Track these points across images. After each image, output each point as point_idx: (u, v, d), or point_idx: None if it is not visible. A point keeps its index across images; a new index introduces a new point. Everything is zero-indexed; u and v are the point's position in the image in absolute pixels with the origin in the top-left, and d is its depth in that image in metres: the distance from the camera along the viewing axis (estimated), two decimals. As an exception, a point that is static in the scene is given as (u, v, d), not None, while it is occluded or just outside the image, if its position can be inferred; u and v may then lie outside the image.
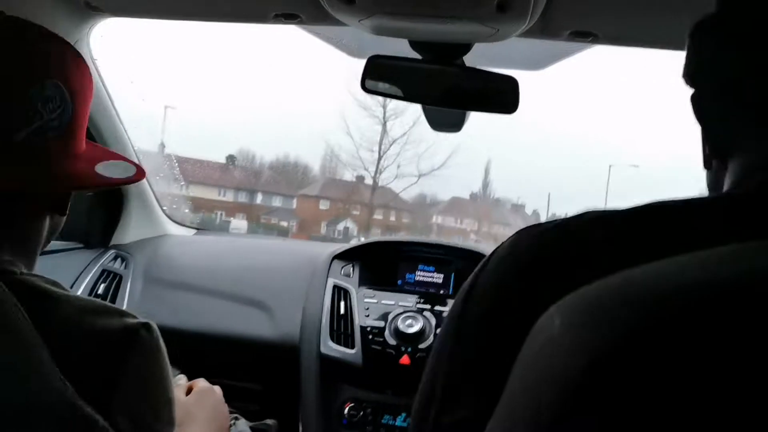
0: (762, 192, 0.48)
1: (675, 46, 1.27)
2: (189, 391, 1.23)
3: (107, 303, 0.84)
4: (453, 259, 1.80)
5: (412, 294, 1.71)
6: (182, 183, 2.52)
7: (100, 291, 1.75)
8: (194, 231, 2.34)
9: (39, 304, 0.76)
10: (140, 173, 0.97)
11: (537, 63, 1.55)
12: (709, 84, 0.55)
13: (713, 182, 0.59)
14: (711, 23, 0.56)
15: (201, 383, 1.25)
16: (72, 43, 1.43)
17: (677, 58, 0.60)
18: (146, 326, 0.82)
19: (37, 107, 0.79)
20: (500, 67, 1.37)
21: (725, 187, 0.54)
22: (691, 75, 0.57)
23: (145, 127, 2.07)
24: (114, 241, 1.98)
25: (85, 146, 0.92)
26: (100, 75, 1.65)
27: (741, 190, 0.52)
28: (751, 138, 0.52)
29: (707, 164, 0.59)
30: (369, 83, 1.37)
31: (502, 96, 1.34)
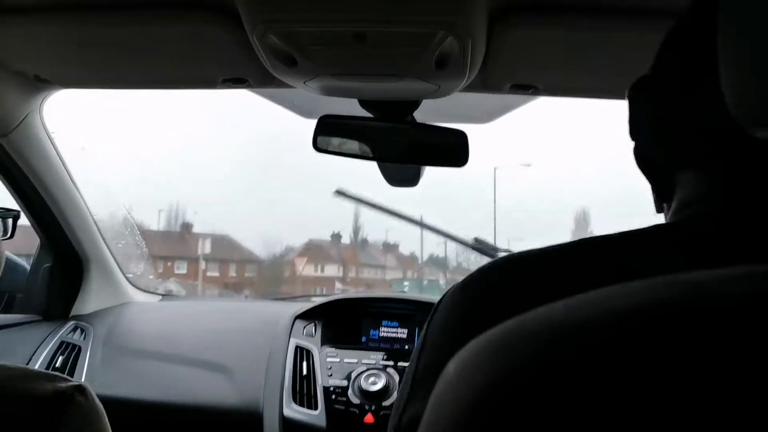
0: (691, 223, 0.52)
1: (615, 95, 1.31)
2: None
3: (39, 369, 0.82)
4: (416, 314, 1.79)
5: (376, 351, 1.70)
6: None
7: (57, 364, 1.71)
8: (159, 297, 2.31)
9: None
10: None
11: (486, 115, 1.59)
12: (647, 135, 0.60)
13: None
14: (645, 83, 0.61)
15: None
16: (24, 116, 1.45)
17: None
18: (80, 389, 0.79)
19: None
20: (451, 122, 1.40)
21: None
22: (632, 129, 0.62)
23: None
24: (74, 311, 1.95)
25: None
26: (55, 146, 1.66)
27: (672, 222, 0.56)
28: (684, 179, 0.56)
29: (659, 209, 0.64)
30: (321, 142, 1.39)
31: (452, 150, 1.36)
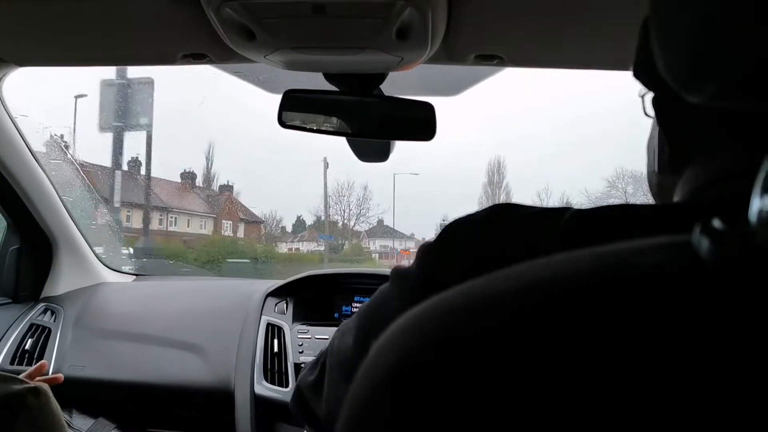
0: (717, 205, 0.45)
1: (581, 65, 1.30)
2: None
3: None
4: (389, 288, 1.78)
5: None
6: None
7: (27, 346, 1.69)
8: (133, 277, 2.29)
9: None
10: None
11: (453, 88, 1.57)
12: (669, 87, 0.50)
13: (659, 185, 0.57)
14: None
15: None
16: (-21, 95, 1.41)
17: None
18: (33, 391, 0.80)
19: None
20: (419, 95, 1.38)
21: (677, 195, 0.52)
22: (649, 75, 0.52)
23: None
24: (44, 293, 1.93)
25: None
26: (16, 125, 1.62)
27: (695, 201, 0.49)
28: (710, 148, 0.50)
29: (664, 168, 0.55)
30: (286, 117, 1.36)
31: (419, 123, 1.35)
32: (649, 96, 0.55)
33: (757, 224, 0.30)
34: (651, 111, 0.57)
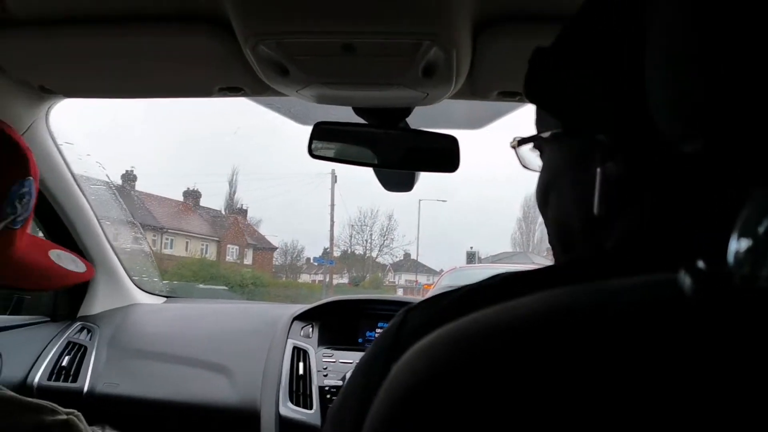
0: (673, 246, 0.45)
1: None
2: None
3: (30, 399, 0.81)
4: (412, 315, 1.82)
5: None
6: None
7: (64, 363, 1.76)
8: (164, 299, 2.36)
9: None
10: (89, 270, 1.00)
11: (477, 122, 1.62)
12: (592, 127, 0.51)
13: (585, 225, 0.54)
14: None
15: None
16: (29, 124, 1.50)
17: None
18: (64, 424, 0.80)
19: (14, 202, 0.85)
20: (443, 128, 1.44)
21: (612, 235, 0.52)
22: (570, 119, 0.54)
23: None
24: (81, 312, 2.00)
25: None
26: (61, 152, 1.71)
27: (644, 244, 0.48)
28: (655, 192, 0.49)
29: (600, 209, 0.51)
30: (315, 148, 1.42)
31: (443, 155, 1.40)
32: (526, 147, 0.59)
33: (734, 265, 0.33)
34: (528, 163, 0.61)
